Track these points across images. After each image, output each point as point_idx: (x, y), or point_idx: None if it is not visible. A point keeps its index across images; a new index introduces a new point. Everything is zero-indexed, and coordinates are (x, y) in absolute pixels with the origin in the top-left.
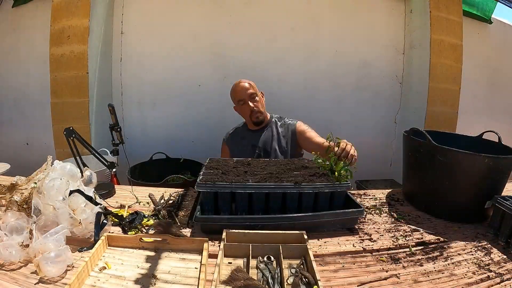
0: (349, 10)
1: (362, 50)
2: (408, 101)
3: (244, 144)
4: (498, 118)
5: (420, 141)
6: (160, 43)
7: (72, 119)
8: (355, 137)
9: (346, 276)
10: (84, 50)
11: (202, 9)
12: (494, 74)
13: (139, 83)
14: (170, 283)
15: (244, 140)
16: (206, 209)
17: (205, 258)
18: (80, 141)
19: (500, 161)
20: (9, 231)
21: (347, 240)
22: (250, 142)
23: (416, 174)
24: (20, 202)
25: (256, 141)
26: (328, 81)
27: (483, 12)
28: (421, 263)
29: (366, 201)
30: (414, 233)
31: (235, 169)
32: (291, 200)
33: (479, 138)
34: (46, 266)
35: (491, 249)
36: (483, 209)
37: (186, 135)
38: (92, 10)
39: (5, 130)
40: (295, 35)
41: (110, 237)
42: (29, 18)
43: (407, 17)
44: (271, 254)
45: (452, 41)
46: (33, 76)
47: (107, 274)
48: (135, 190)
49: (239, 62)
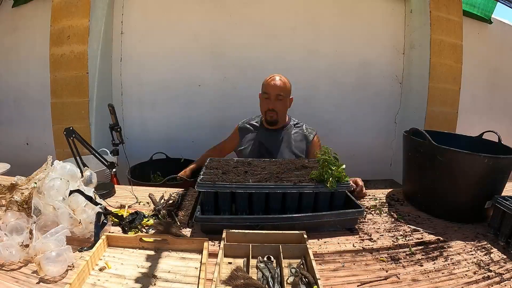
0: (349, 10)
1: (362, 50)
2: (408, 101)
3: (252, 138)
4: (498, 118)
5: (420, 141)
6: (160, 43)
7: (72, 119)
8: (355, 137)
9: (346, 275)
10: (84, 50)
11: (202, 9)
12: (494, 74)
13: (139, 83)
14: (170, 283)
15: (254, 134)
16: (206, 209)
17: (205, 257)
18: (80, 141)
19: (500, 161)
20: (9, 231)
21: (347, 240)
22: (258, 139)
23: (416, 174)
24: (20, 202)
25: (265, 139)
26: (328, 81)
27: (483, 12)
28: (421, 263)
29: (366, 201)
30: (414, 233)
31: (235, 169)
32: (291, 200)
33: (479, 138)
34: (47, 265)
35: (491, 249)
36: (483, 209)
37: (186, 135)
38: (92, 10)
39: (5, 130)
40: (295, 35)
41: (110, 237)
42: (29, 18)
43: (407, 17)
44: (271, 254)
45: (452, 41)
46: (33, 76)
47: (107, 274)
48: (135, 190)
49: (239, 62)
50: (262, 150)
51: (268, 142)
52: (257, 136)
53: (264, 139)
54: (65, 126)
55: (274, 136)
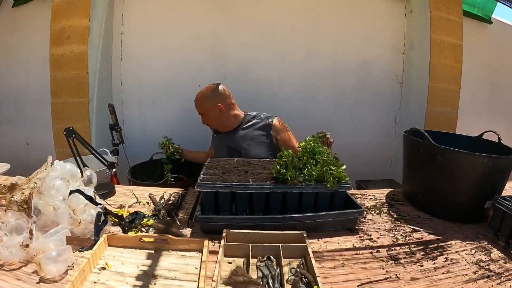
0: (349, 10)
1: (362, 50)
2: (408, 101)
3: (221, 144)
4: (498, 118)
5: (420, 141)
6: (160, 43)
7: (72, 119)
8: (355, 137)
9: (345, 273)
10: (84, 50)
11: (202, 9)
12: (494, 74)
13: (139, 83)
14: (170, 282)
15: (221, 140)
16: (206, 209)
17: (205, 255)
18: (80, 141)
19: (500, 161)
20: (9, 231)
21: (347, 240)
22: (225, 143)
23: (416, 174)
24: (20, 202)
25: (230, 142)
26: (328, 81)
27: (483, 12)
28: (421, 263)
29: (366, 201)
30: (414, 233)
31: (236, 169)
32: (291, 200)
33: (479, 138)
34: (47, 265)
35: (491, 249)
36: (483, 209)
37: (186, 135)
38: (92, 10)
39: (5, 130)
40: (295, 35)
41: (110, 237)
42: (29, 18)
43: (407, 17)
44: (271, 254)
45: (452, 41)
46: (33, 76)
47: (108, 272)
48: (135, 190)
49: (239, 62)
50: (231, 152)
51: (233, 143)
52: (223, 141)
53: (229, 142)
54: (65, 126)
55: (234, 135)
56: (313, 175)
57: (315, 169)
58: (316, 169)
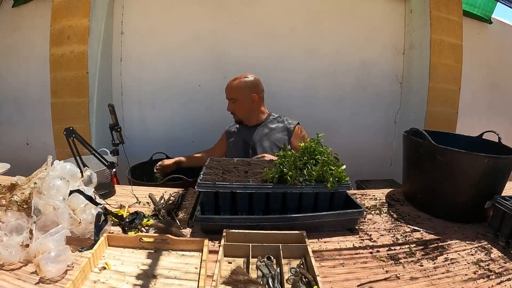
0: (349, 10)
1: (362, 50)
2: (408, 101)
3: (237, 138)
4: (498, 118)
5: (420, 141)
6: (161, 43)
7: (72, 119)
8: (355, 137)
9: (345, 273)
10: (84, 50)
11: (202, 9)
12: (494, 74)
13: (139, 83)
14: (170, 282)
15: (238, 134)
16: (206, 209)
17: (205, 254)
18: (80, 141)
19: (500, 161)
20: (9, 231)
21: (347, 240)
22: (242, 138)
23: (416, 174)
24: (20, 202)
25: (248, 137)
26: (328, 81)
27: (483, 12)
28: (421, 263)
29: (366, 201)
30: (414, 233)
31: (236, 169)
32: (291, 200)
33: (479, 138)
34: (46, 266)
35: (491, 249)
36: (483, 209)
37: (186, 135)
38: (92, 10)
39: (5, 130)
40: (295, 35)
41: (110, 237)
42: (29, 18)
43: (407, 17)
44: (271, 254)
45: (452, 41)
46: (33, 76)
47: (108, 272)
48: (135, 190)
49: (239, 62)
50: (246, 147)
51: (249, 138)
52: (239, 136)
53: (246, 137)
54: (65, 126)
55: (253, 131)
56: (313, 175)
57: (315, 169)
58: (316, 169)
